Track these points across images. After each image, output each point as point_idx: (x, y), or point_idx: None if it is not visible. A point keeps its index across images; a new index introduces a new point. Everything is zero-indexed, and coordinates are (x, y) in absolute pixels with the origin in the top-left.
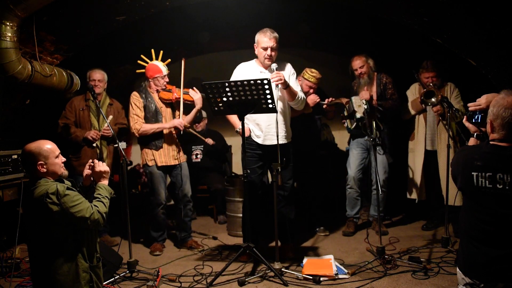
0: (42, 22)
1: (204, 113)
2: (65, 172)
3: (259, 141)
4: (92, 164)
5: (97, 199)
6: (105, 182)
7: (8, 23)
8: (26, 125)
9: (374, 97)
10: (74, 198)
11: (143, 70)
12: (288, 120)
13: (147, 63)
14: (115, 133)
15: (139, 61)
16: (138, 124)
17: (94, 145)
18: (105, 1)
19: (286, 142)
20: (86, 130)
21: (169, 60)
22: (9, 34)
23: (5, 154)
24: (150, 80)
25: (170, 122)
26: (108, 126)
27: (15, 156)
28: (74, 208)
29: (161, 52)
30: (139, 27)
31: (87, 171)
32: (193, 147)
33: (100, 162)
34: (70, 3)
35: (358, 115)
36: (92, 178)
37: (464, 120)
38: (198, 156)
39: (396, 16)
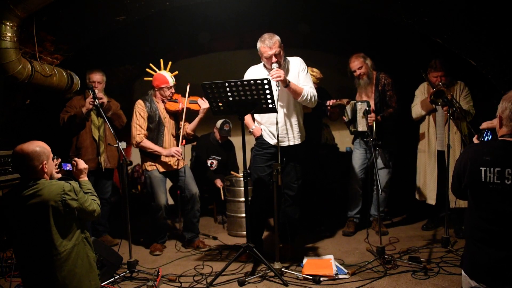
0: (42, 22)
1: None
2: (57, 175)
3: (272, 142)
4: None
5: (90, 193)
6: (85, 178)
7: (8, 23)
8: (26, 125)
9: (372, 103)
10: (83, 193)
11: (150, 79)
12: (301, 120)
13: (155, 72)
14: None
15: (147, 70)
16: (140, 137)
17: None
18: (105, 1)
19: (299, 142)
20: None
21: (177, 72)
22: (9, 34)
23: (5, 154)
24: (156, 89)
25: (167, 150)
26: (100, 96)
27: None
28: (87, 203)
29: (170, 63)
30: (139, 27)
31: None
32: (210, 156)
33: (81, 160)
34: (70, 3)
35: (360, 128)
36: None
37: (474, 138)
38: (213, 165)
39: (396, 16)
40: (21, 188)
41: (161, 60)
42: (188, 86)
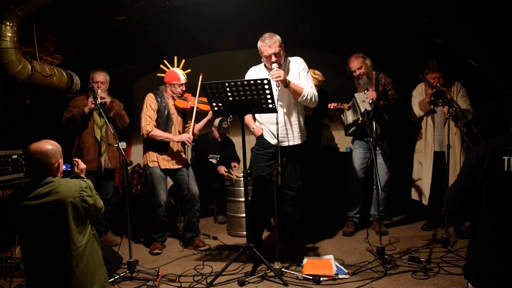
0: (42, 22)
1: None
2: (61, 174)
3: (273, 142)
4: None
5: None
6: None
7: (8, 23)
8: (26, 125)
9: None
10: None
11: (163, 75)
12: (302, 120)
13: (168, 68)
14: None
15: (161, 65)
16: (150, 126)
17: (99, 100)
18: (105, 1)
19: (300, 142)
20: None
21: (189, 70)
22: (9, 34)
23: (5, 154)
24: (167, 85)
25: (179, 136)
26: (103, 96)
27: (15, 156)
28: (97, 200)
29: (183, 60)
30: (139, 27)
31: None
32: (209, 155)
33: (80, 160)
34: (70, 3)
35: (363, 109)
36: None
37: None
38: (213, 164)
39: (396, 16)
40: (32, 187)
41: (175, 58)
42: (199, 85)
